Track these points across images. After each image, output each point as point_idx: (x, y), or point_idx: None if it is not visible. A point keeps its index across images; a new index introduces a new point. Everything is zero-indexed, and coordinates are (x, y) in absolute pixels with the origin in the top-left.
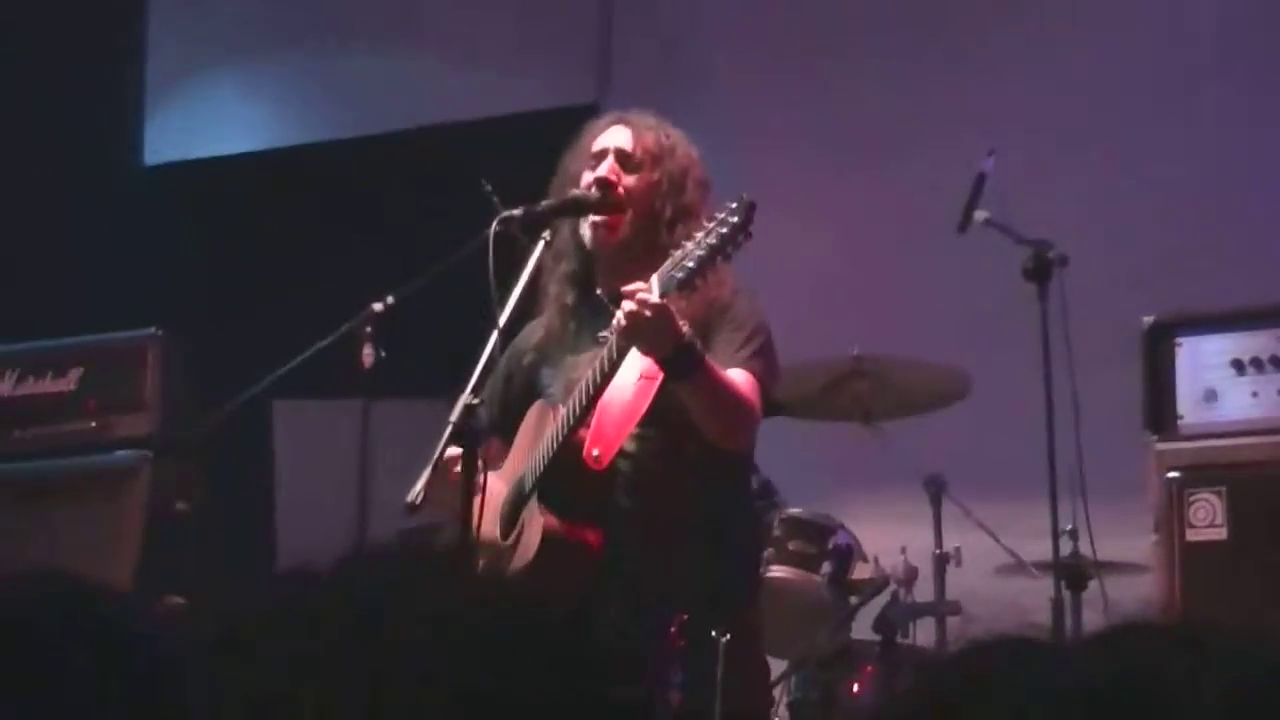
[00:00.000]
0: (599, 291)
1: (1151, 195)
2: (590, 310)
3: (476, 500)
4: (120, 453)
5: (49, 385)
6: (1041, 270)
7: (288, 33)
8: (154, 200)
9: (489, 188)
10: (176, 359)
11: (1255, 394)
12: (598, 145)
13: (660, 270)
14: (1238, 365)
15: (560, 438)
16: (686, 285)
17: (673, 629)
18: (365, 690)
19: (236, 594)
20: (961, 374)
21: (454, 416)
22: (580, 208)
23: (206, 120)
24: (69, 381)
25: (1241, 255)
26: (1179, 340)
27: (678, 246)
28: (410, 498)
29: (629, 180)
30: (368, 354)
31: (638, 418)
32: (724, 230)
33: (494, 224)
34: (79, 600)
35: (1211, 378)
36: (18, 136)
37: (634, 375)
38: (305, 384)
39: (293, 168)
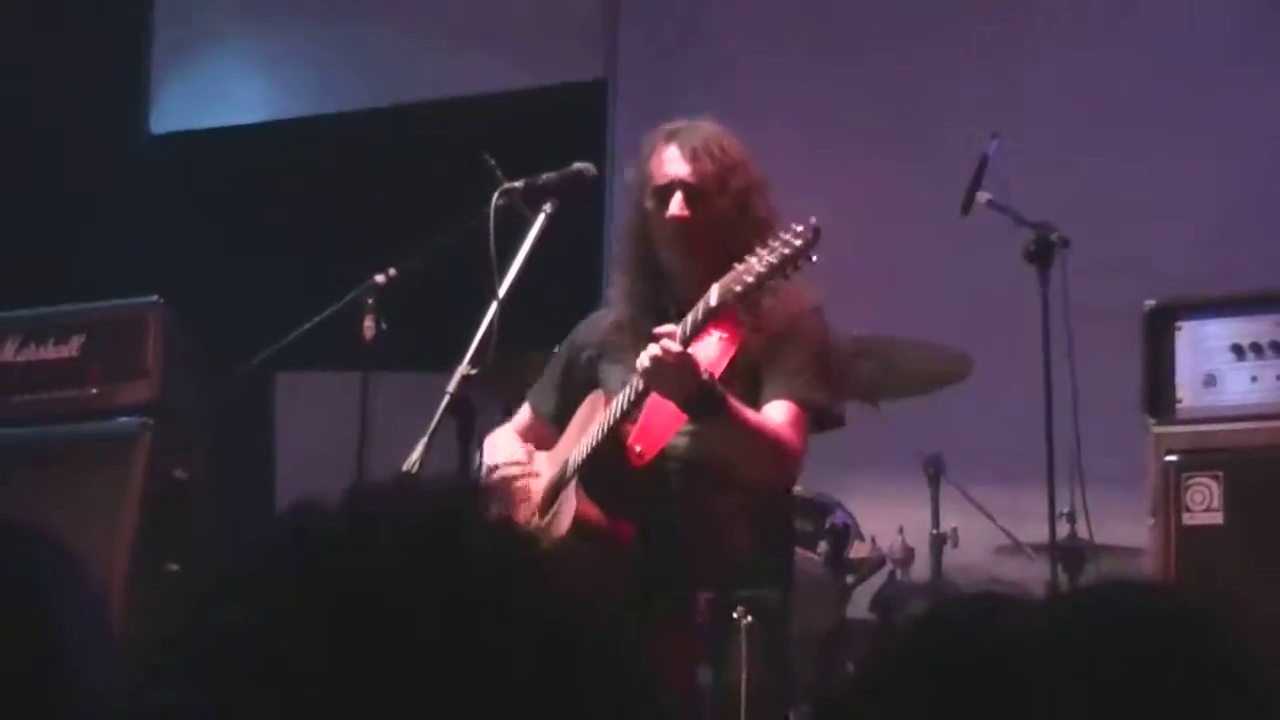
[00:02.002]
0: (669, 292)
1: (1153, 179)
2: (656, 310)
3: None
4: (121, 420)
5: (51, 352)
6: (1043, 253)
7: (295, 4)
8: (160, 169)
9: (492, 161)
10: (178, 328)
11: (1254, 379)
12: (661, 175)
13: (721, 281)
14: (1238, 350)
15: (606, 429)
16: (743, 300)
17: (699, 607)
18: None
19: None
20: (962, 356)
21: (451, 387)
22: (580, 182)
23: (214, 90)
24: (71, 348)
25: (1244, 239)
26: (1179, 324)
27: (750, 253)
28: (407, 466)
29: (699, 215)
30: (369, 326)
31: (684, 420)
32: (786, 251)
33: (495, 196)
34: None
35: (1211, 362)
36: (26, 105)
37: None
38: (307, 355)
39: (299, 139)
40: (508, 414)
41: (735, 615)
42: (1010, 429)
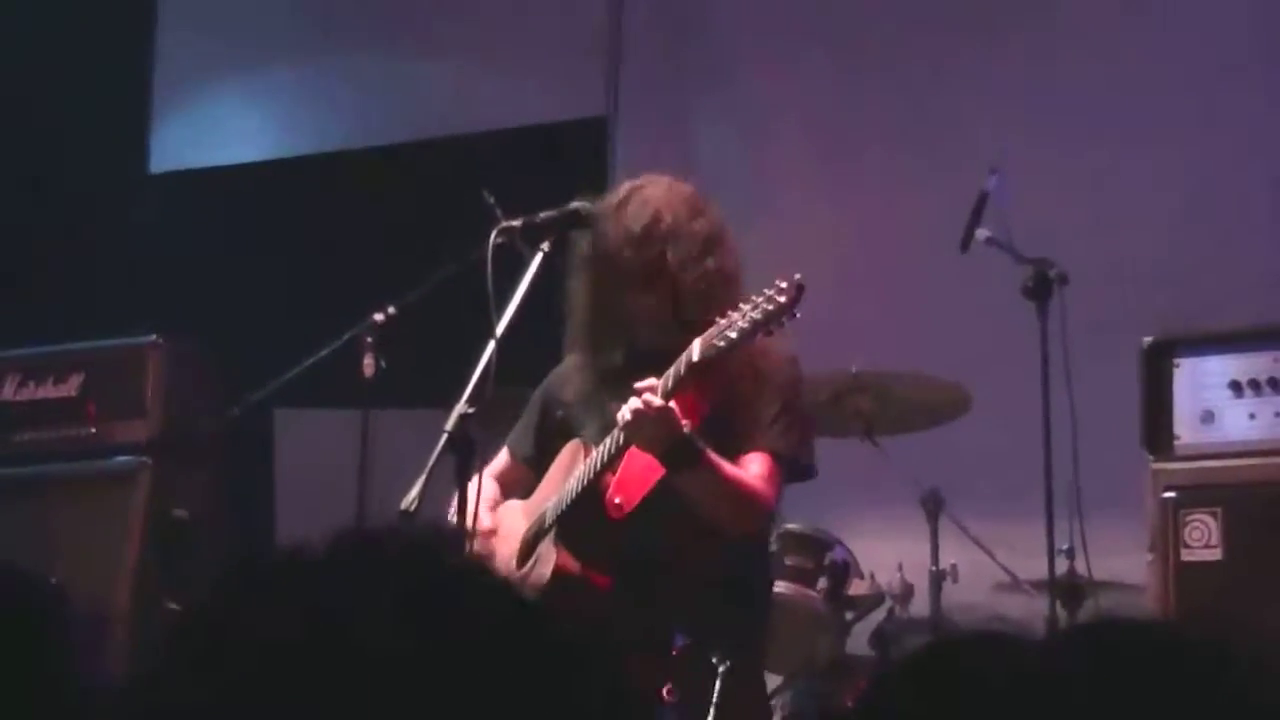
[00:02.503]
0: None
1: (1153, 215)
2: (632, 358)
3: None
4: (120, 458)
5: (50, 390)
6: (1041, 288)
7: (295, 43)
8: (159, 208)
9: (491, 199)
10: (177, 366)
11: (1253, 415)
12: (614, 257)
13: (703, 337)
14: (1235, 387)
15: (586, 480)
16: (726, 353)
17: (676, 654)
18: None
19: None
20: (961, 391)
21: (449, 425)
22: (580, 221)
23: (212, 129)
24: (70, 387)
25: (1242, 275)
26: (1177, 360)
27: (722, 311)
28: (405, 505)
29: (656, 295)
30: (368, 364)
31: (661, 473)
32: (770, 308)
33: (493, 235)
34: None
35: (1209, 398)
36: (26, 143)
37: None
38: (306, 393)
39: (298, 177)
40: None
41: (714, 660)
42: (1009, 464)
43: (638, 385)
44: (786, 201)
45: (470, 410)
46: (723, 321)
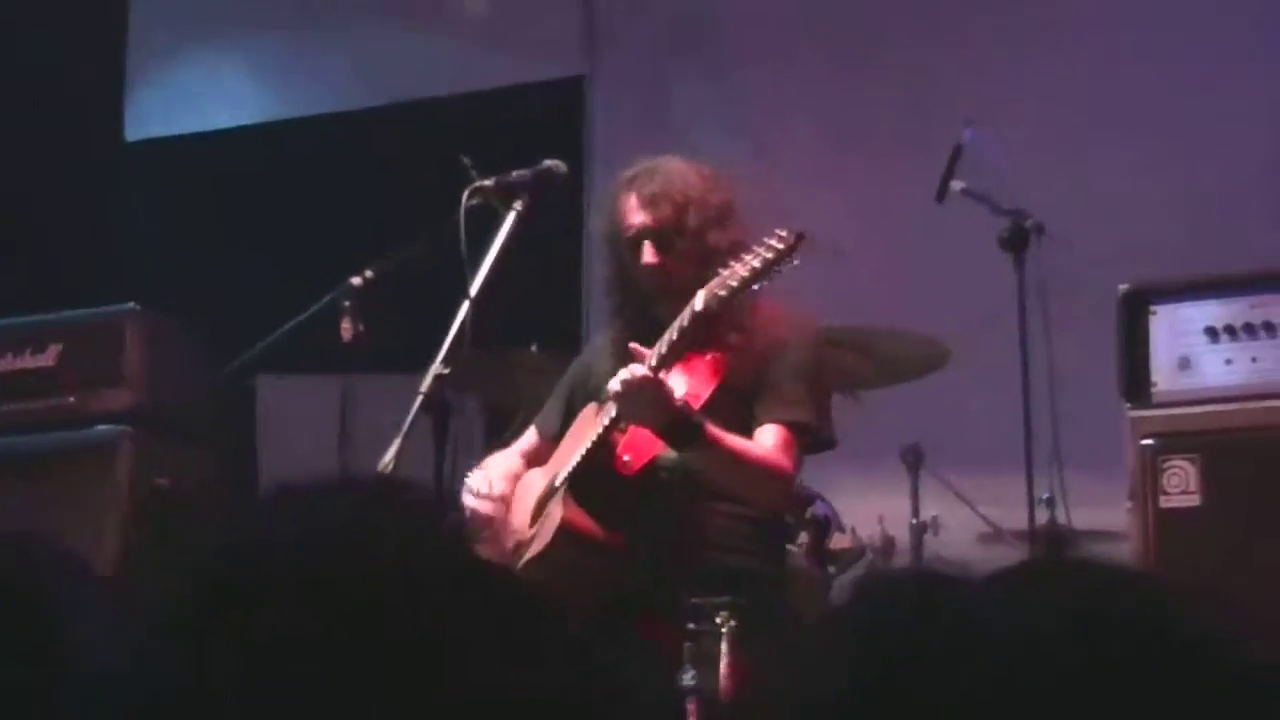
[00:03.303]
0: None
1: (1128, 165)
2: (651, 327)
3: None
4: (100, 428)
5: (28, 361)
6: (1018, 240)
7: (268, 8)
8: (135, 176)
9: (467, 160)
10: (156, 334)
11: (1229, 361)
12: (627, 227)
13: (707, 286)
14: (1212, 333)
15: (597, 437)
16: (727, 302)
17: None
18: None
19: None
20: (940, 345)
21: (425, 386)
22: (551, 179)
23: (187, 96)
24: (48, 357)
25: (1216, 223)
26: (1154, 308)
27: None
28: (381, 466)
29: (670, 257)
30: (347, 328)
31: None
32: (769, 255)
33: (466, 195)
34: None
35: (1186, 345)
36: None
37: (680, 389)
38: (287, 358)
39: (274, 143)
40: (486, 410)
41: (718, 620)
42: (989, 416)
43: (632, 347)
44: (763, 158)
45: (445, 370)
46: (725, 272)
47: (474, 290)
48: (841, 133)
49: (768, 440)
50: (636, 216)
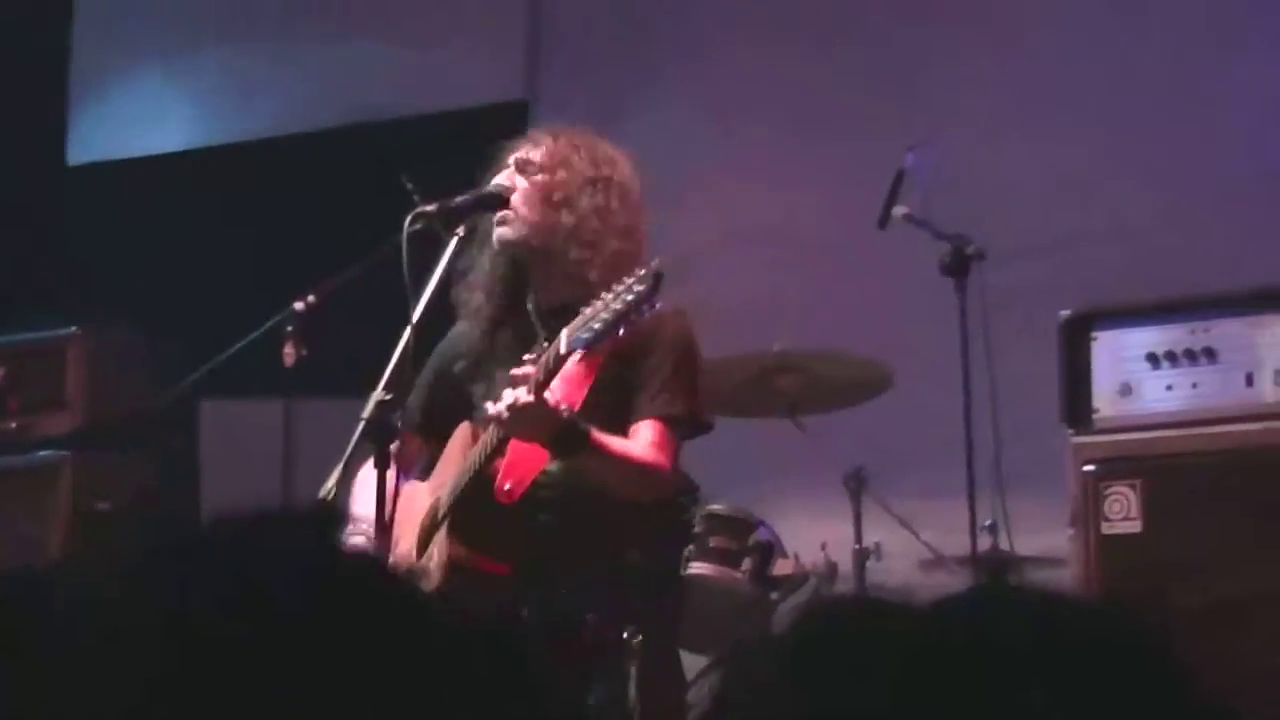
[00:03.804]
0: (529, 305)
1: (1069, 189)
2: (519, 323)
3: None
4: (42, 452)
5: None
6: (959, 265)
7: (211, 32)
8: (77, 200)
9: (410, 185)
10: (99, 358)
11: (1170, 387)
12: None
13: (570, 327)
14: (1153, 359)
15: (474, 469)
16: (592, 344)
17: (586, 631)
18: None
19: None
20: (883, 369)
21: (366, 412)
22: (494, 203)
23: (130, 120)
24: None
25: (1157, 248)
26: (1095, 334)
27: (588, 260)
28: (322, 493)
29: (522, 182)
30: (289, 352)
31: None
32: (629, 298)
33: (408, 220)
34: None
35: (1127, 371)
36: None
37: (558, 394)
38: (230, 382)
39: (217, 166)
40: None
41: (625, 635)
42: (931, 441)
43: (513, 373)
44: (710, 183)
45: (388, 397)
46: (587, 311)
47: (416, 316)
48: (784, 158)
49: (645, 436)
50: (523, 148)
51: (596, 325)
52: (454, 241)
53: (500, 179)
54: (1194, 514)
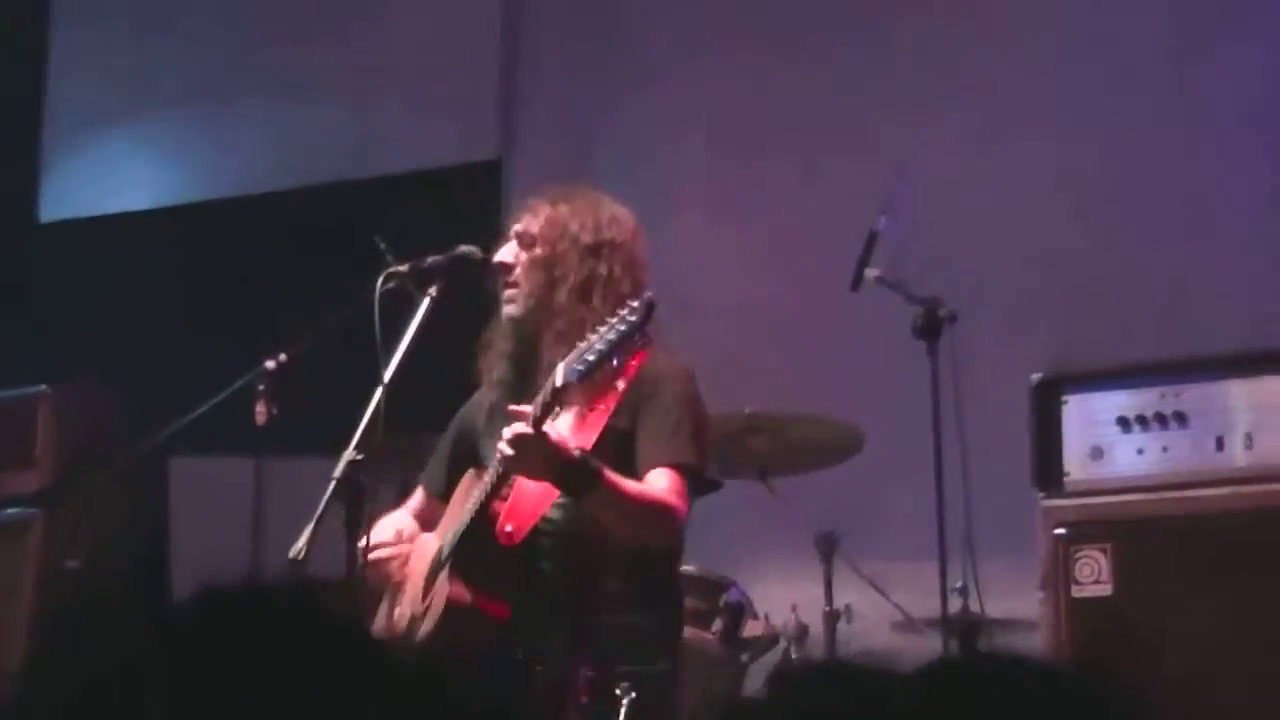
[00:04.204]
0: (543, 366)
1: (1042, 253)
2: (532, 385)
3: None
4: (10, 510)
5: None
6: (931, 328)
7: (184, 90)
8: (50, 256)
9: (383, 244)
10: (69, 416)
11: (1140, 451)
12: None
13: (565, 360)
14: (1123, 422)
15: (475, 511)
16: (587, 377)
17: (580, 684)
18: None
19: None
20: (854, 431)
21: (337, 472)
22: (466, 265)
23: (103, 177)
24: None
25: (1129, 311)
26: (1066, 398)
27: (600, 315)
28: (293, 553)
29: (523, 257)
30: (261, 411)
31: (555, 495)
32: (623, 328)
33: (381, 280)
34: None
35: (1098, 434)
36: None
37: (568, 437)
38: (201, 440)
39: (189, 225)
40: (402, 496)
41: (618, 692)
42: (902, 504)
43: (510, 409)
44: (681, 245)
45: (359, 456)
46: (582, 345)
47: (388, 376)
48: (757, 218)
49: (659, 482)
50: (519, 218)
51: (590, 356)
52: (426, 301)
53: (503, 254)
54: (1164, 578)
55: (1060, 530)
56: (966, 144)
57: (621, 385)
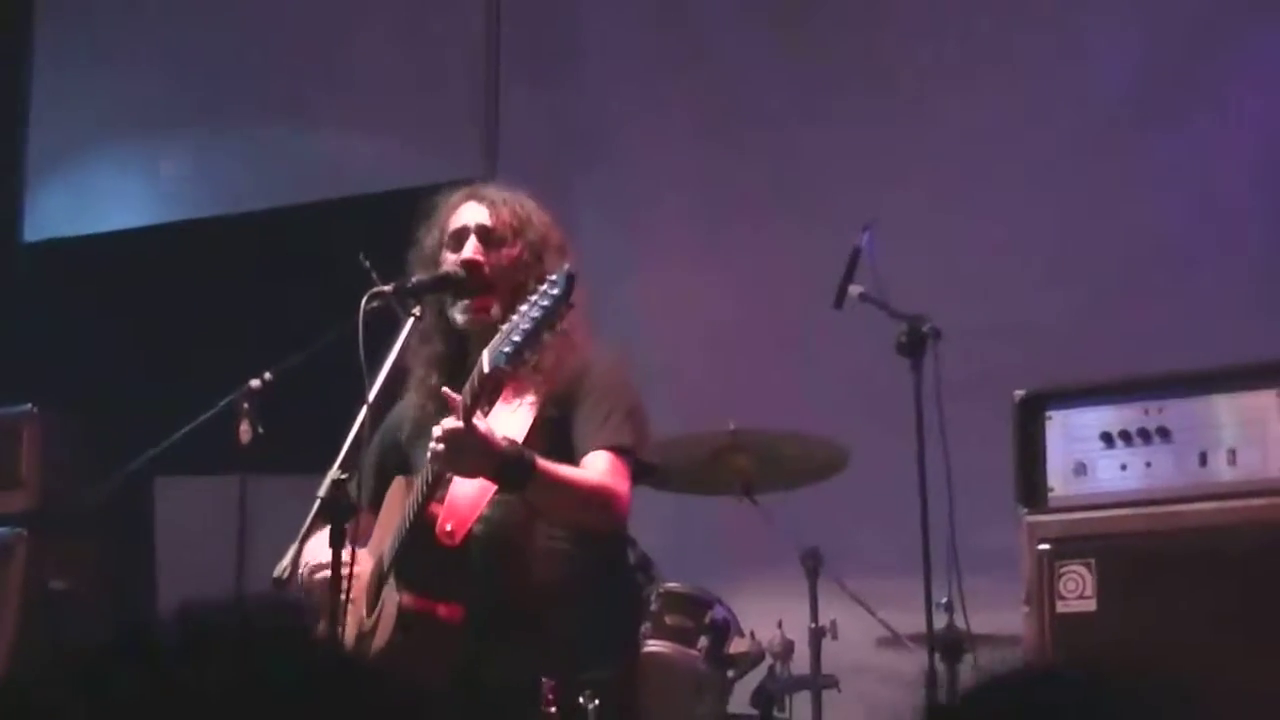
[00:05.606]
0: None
1: (1025, 269)
2: (455, 378)
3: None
4: None
5: None
6: (915, 344)
7: (168, 110)
8: (33, 276)
9: (367, 263)
10: (54, 436)
11: (1124, 466)
12: (456, 224)
13: (489, 345)
14: (1107, 438)
15: (412, 517)
16: (515, 359)
17: (544, 694)
18: None
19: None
20: (838, 448)
21: (322, 491)
22: (452, 285)
23: (87, 197)
24: None
25: (1113, 327)
26: (1049, 413)
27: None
28: (277, 572)
29: (493, 258)
30: (245, 430)
31: (491, 493)
32: (545, 304)
33: (365, 299)
34: None
35: (1081, 450)
36: None
37: (500, 429)
38: (185, 460)
39: (173, 244)
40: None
41: (581, 700)
42: (887, 520)
43: (444, 391)
44: (665, 262)
45: (343, 476)
46: (505, 327)
47: (372, 395)
48: (739, 235)
49: (597, 465)
50: (474, 213)
51: (516, 338)
52: (410, 321)
53: (467, 251)
54: (1148, 593)
55: (1044, 546)
56: (938, 189)
57: (551, 370)
